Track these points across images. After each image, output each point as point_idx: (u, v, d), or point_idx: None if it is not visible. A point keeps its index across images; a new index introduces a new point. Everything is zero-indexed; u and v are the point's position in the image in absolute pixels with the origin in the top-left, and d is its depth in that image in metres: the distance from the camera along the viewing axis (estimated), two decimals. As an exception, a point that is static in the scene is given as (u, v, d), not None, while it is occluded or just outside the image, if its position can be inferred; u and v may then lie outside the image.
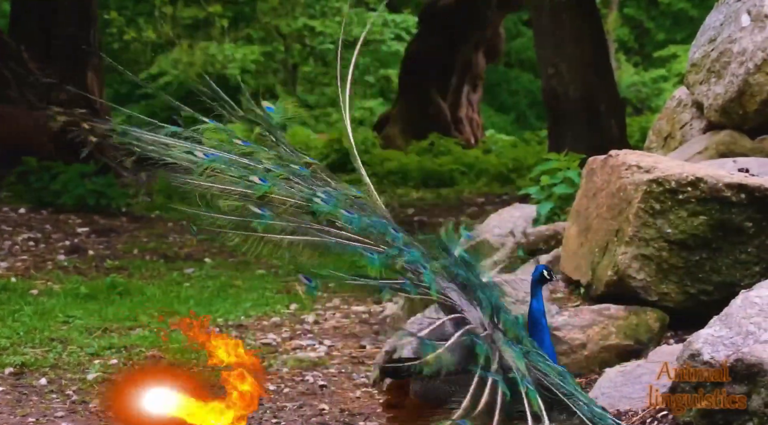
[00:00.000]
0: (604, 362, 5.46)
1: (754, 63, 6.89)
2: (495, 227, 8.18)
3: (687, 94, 7.66)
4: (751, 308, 4.51)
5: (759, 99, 6.91)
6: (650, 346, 5.46)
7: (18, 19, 16.24)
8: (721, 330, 4.43)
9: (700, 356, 4.32)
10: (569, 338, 5.54)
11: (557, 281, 6.13)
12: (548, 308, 5.74)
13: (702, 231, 5.48)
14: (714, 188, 5.46)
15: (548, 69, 14.29)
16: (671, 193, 5.49)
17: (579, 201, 6.14)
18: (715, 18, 7.42)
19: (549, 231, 7.26)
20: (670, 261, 5.53)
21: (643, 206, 5.52)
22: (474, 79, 22.66)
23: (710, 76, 7.23)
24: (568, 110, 14.12)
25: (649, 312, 5.58)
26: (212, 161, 4.47)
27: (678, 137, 7.66)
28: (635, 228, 5.54)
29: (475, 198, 15.92)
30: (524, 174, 15.86)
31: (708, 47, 7.31)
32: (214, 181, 4.42)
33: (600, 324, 5.57)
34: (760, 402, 4.18)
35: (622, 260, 5.57)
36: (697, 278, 5.52)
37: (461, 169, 17.91)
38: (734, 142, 7.00)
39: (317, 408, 5.98)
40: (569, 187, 7.77)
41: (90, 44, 15.58)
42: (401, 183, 17.37)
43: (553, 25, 14.19)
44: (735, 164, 6.31)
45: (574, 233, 6.09)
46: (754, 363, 4.20)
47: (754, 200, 5.46)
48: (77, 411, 5.92)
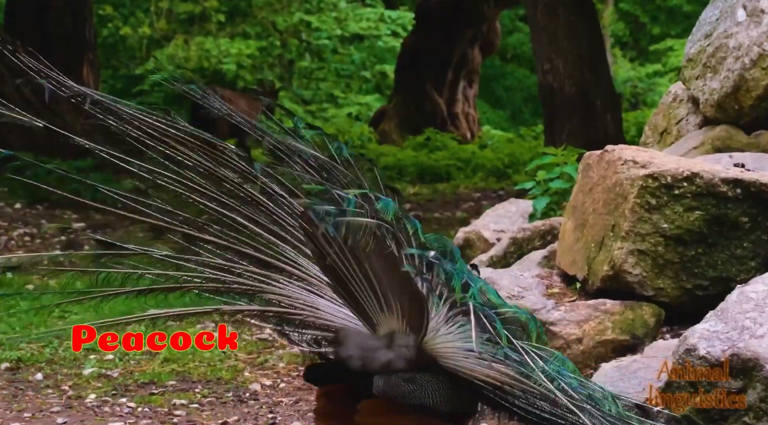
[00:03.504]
0: (599, 357, 5.47)
1: (750, 58, 6.89)
2: (491, 222, 8.18)
3: (683, 89, 7.66)
4: (746, 303, 4.52)
5: (755, 94, 6.92)
6: (646, 341, 5.47)
7: (13, 14, 16.23)
8: (717, 324, 4.43)
9: (696, 351, 4.33)
10: (565, 333, 5.54)
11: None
12: (544, 303, 5.77)
13: (698, 226, 5.48)
14: (710, 183, 5.47)
15: (544, 64, 14.28)
16: (667, 188, 5.49)
17: (575, 196, 6.15)
18: (710, 13, 7.42)
19: (545, 226, 7.26)
20: (666, 256, 5.53)
21: (638, 201, 5.52)
22: (470, 75, 22.64)
23: (706, 72, 7.23)
24: (563, 105, 14.10)
25: (645, 307, 5.58)
26: None
27: (674, 132, 7.66)
28: (631, 223, 5.54)
29: (472, 193, 15.91)
30: (520, 169, 15.87)
31: (704, 42, 7.31)
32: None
33: (596, 319, 5.58)
34: (756, 396, 4.20)
35: (618, 255, 5.58)
36: (692, 273, 5.53)
37: (457, 164, 17.90)
38: (730, 137, 7.00)
39: (313, 403, 5.98)
40: (565, 182, 7.77)
41: (86, 39, 15.58)
42: (397, 178, 17.36)
43: (549, 20, 14.17)
44: (731, 159, 6.31)
45: (570, 229, 6.10)
46: (749, 357, 4.21)
47: (749, 195, 5.46)
48: (73, 406, 5.92)
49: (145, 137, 3.62)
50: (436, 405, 3.38)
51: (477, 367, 3.38)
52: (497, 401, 3.44)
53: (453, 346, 3.39)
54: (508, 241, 7.23)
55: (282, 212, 3.60)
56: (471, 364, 3.38)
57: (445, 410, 3.40)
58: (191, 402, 5.97)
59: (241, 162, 3.60)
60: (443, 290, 3.40)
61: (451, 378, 3.41)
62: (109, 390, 6.16)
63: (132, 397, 6.04)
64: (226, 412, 5.83)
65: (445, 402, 3.40)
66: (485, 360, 3.34)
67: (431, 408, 3.38)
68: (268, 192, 3.60)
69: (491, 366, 3.36)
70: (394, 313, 3.37)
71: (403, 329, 3.39)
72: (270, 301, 3.61)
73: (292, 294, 3.56)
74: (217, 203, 3.63)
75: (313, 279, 3.54)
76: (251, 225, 3.62)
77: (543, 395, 3.41)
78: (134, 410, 5.86)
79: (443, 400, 3.40)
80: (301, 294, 3.56)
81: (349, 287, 3.36)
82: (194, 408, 5.89)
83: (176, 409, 5.88)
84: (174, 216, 3.70)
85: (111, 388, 6.19)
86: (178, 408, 5.89)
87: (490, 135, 23.08)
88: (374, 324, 3.41)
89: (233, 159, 3.60)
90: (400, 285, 3.33)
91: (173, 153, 3.63)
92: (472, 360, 3.37)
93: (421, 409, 3.38)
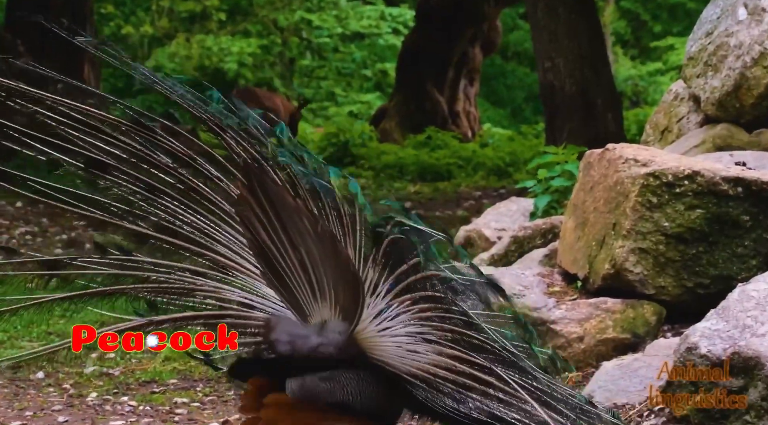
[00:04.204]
0: (601, 355, 5.47)
1: (751, 56, 6.89)
2: (492, 220, 8.18)
3: (684, 87, 7.65)
4: (748, 302, 4.51)
5: (756, 93, 6.91)
6: (647, 340, 5.47)
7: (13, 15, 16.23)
8: (718, 323, 4.43)
9: (697, 349, 4.32)
10: (566, 331, 5.54)
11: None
12: (545, 301, 5.76)
13: (699, 225, 5.48)
14: (711, 182, 5.46)
15: (545, 63, 14.28)
16: (668, 186, 5.49)
17: (576, 195, 6.15)
18: (711, 11, 7.41)
19: (546, 225, 7.26)
20: (667, 255, 5.53)
21: (640, 200, 5.52)
22: (471, 73, 22.64)
23: (707, 70, 7.23)
24: (564, 103, 14.11)
25: (646, 306, 5.58)
26: None
27: (675, 130, 7.66)
28: (632, 222, 5.54)
29: (473, 192, 15.91)
30: (521, 168, 15.86)
31: (705, 41, 7.31)
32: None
33: (597, 318, 5.58)
34: (757, 395, 4.19)
35: (619, 253, 5.58)
36: (694, 271, 5.52)
37: (458, 162, 17.89)
38: (731, 135, 7.00)
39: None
40: (566, 180, 7.77)
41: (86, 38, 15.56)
42: (398, 177, 17.35)
43: (549, 18, 14.17)
44: (732, 157, 6.31)
45: (571, 227, 6.09)
46: (751, 356, 4.21)
47: (750, 193, 5.46)
48: (74, 404, 5.92)
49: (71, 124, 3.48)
50: (357, 403, 3.24)
51: (408, 361, 3.25)
52: (423, 403, 3.29)
53: (386, 338, 3.25)
54: (509, 239, 7.23)
55: (219, 198, 3.46)
56: (400, 358, 3.25)
57: (369, 408, 3.26)
58: (192, 401, 5.97)
59: (176, 142, 3.47)
60: (392, 271, 3.27)
61: (380, 374, 3.26)
62: (111, 389, 6.16)
63: (133, 396, 6.04)
64: (227, 411, 5.83)
65: (369, 400, 3.26)
66: (418, 352, 3.22)
67: (352, 407, 3.24)
68: (204, 174, 3.46)
69: (430, 356, 3.22)
70: (327, 301, 3.22)
71: (335, 316, 3.24)
72: (202, 303, 3.47)
73: (223, 293, 3.44)
74: (146, 187, 3.49)
75: (248, 271, 3.42)
76: (188, 215, 3.47)
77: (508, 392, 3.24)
78: (135, 408, 5.86)
79: (366, 398, 3.26)
80: (233, 292, 3.44)
81: (281, 273, 3.21)
82: (195, 407, 5.89)
83: (177, 408, 5.88)
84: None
85: (112, 387, 6.19)
86: (179, 407, 5.89)
87: (491, 133, 23.08)
88: (306, 314, 3.27)
89: (167, 140, 3.47)
90: (335, 269, 3.16)
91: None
92: (402, 353, 3.25)
93: (339, 407, 3.24)
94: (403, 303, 3.27)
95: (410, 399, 3.32)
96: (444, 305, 3.28)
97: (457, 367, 3.26)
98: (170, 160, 3.47)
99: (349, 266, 3.16)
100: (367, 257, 3.27)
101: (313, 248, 3.13)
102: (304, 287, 3.23)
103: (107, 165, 3.49)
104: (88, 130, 3.48)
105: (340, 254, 3.15)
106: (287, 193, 3.14)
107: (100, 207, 3.54)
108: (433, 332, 3.27)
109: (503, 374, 3.27)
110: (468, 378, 3.27)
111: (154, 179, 3.48)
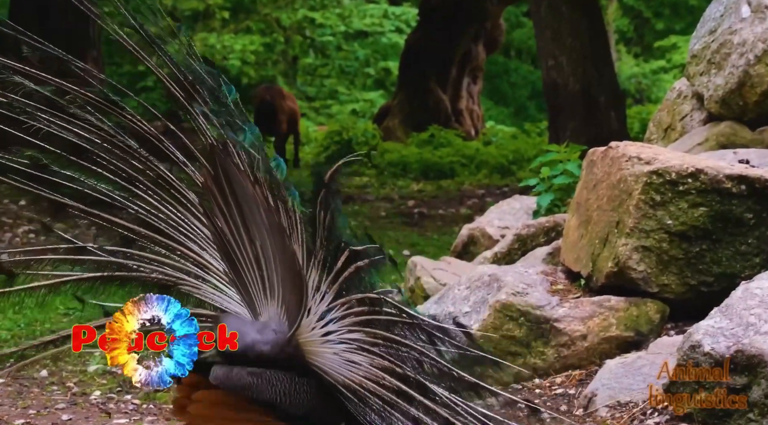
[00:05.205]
0: (604, 353, 5.47)
1: (755, 54, 6.88)
2: (495, 218, 8.18)
3: (687, 85, 7.65)
4: (751, 300, 4.51)
5: (759, 90, 6.91)
6: (651, 338, 5.46)
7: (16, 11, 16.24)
8: (722, 321, 4.43)
9: (701, 347, 4.32)
10: (570, 329, 5.54)
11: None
12: (548, 299, 5.76)
13: (702, 223, 5.48)
14: (714, 180, 5.46)
15: (548, 61, 14.28)
16: (671, 184, 5.49)
17: (579, 193, 6.14)
18: (715, 9, 7.41)
19: (549, 223, 7.26)
20: (671, 253, 5.52)
21: (643, 198, 5.52)
22: (474, 71, 22.64)
23: (710, 68, 7.23)
24: (567, 101, 14.11)
25: (650, 304, 5.58)
26: None
27: (678, 128, 7.66)
28: (636, 220, 5.54)
29: (476, 190, 15.91)
30: (524, 166, 15.85)
31: (708, 39, 7.30)
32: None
33: (600, 316, 5.57)
34: (761, 393, 4.19)
35: (622, 251, 5.57)
36: (697, 269, 5.52)
37: (461, 161, 17.89)
38: (734, 133, 6.99)
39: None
40: (569, 178, 7.76)
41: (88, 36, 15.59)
42: (401, 175, 17.36)
43: (552, 17, 14.17)
44: (735, 155, 6.30)
45: (574, 225, 6.09)
46: (754, 354, 4.21)
47: (754, 191, 5.45)
48: (78, 403, 5.93)
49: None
50: (285, 406, 3.17)
51: (345, 371, 3.19)
52: (354, 417, 3.22)
53: (327, 345, 3.20)
54: (513, 237, 7.23)
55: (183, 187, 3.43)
56: (338, 368, 3.20)
57: (298, 413, 3.20)
58: (196, 399, 5.97)
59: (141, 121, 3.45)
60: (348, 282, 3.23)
61: (319, 382, 3.21)
62: (114, 387, 6.16)
63: (137, 394, 6.04)
64: (230, 409, 5.82)
65: (300, 406, 3.19)
66: (354, 363, 3.17)
67: (279, 407, 3.17)
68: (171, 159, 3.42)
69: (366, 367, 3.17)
70: (275, 299, 3.18)
71: (281, 316, 3.19)
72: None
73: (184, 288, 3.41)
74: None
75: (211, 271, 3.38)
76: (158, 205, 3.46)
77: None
78: (139, 407, 5.86)
79: (297, 402, 3.18)
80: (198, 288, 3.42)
81: (239, 268, 3.18)
82: (199, 405, 5.89)
83: (181, 406, 5.87)
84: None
85: (116, 385, 6.19)
86: (182, 405, 5.88)
87: (494, 131, 23.08)
88: (258, 312, 3.24)
89: (135, 119, 3.45)
90: (282, 266, 3.12)
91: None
92: (340, 362, 3.20)
93: (265, 406, 3.18)
94: (344, 305, 3.23)
95: (344, 412, 3.26)
96: (376, 307, 3.25)
97: (386, 380, 3.22)
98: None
99: (295, 263, 3.13)
100: (311, 253, 3.21)
101: (267, 242, 3.11)
102: (257, 284, 3.21)
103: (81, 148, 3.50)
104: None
105: (287, 250, 3.11)
106: (248, 179, 3.07)
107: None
108: (368, 339, 3.23)
109: (430, 386, 3.24)
110: (394, 394, 3.22)
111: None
